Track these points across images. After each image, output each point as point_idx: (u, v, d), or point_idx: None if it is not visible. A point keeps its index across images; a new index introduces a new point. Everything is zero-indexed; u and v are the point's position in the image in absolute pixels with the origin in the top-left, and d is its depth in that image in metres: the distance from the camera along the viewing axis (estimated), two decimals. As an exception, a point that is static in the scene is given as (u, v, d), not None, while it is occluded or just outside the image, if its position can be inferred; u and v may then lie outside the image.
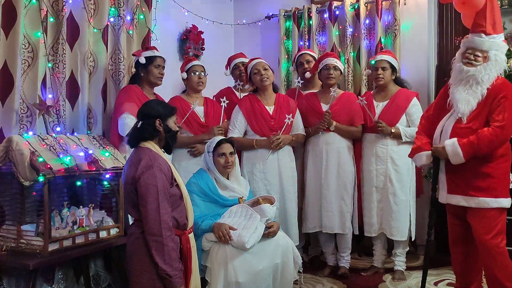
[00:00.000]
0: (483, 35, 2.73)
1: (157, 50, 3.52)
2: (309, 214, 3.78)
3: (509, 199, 2.76)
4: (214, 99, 4.03)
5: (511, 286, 2.68)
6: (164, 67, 3.49)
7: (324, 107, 3.70)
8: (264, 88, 3.63)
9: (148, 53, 3.44)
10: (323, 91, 3.83)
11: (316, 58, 4.19)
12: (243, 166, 3.59)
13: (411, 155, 3.04)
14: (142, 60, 3.40)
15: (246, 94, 3.91)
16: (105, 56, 3.51)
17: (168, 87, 4.07)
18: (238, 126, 3.62)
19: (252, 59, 3.72)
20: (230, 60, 4.16)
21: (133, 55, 3.53)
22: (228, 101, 3.62)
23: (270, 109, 3.64)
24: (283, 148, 3.60)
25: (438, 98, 3.07)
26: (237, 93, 4.02)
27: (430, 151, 2.88)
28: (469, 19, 2.89)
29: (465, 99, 2.74)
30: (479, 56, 2.73)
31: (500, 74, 2.84)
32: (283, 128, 3.57)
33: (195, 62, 3.68)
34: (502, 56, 2.76)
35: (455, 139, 2.72)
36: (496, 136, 2.64)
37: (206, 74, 3.68)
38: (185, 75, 3.63)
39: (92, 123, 3.44)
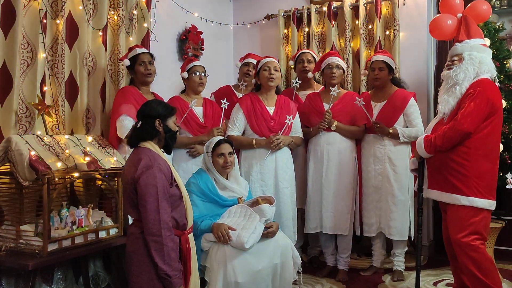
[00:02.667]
0: (457, 43, 3.00)
1: (140, 47, 3.50)
2: (310, 215, 3.77)
3: (487, 200, 2.78)
4: (213, 96, 4.02)
5: (492, 282, 2.71)
6: (151, 61, 3.45)
7: (327, 107, 3.70)
8: (268, 88, 3.62)
9: (131, 54, 3.44)
10: (325, 91, 3.83)
11: (316, 59, 4.19)
12: (240, 166, 3.59)
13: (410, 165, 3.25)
14: (127, 62, 3.42)
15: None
16: (104, 56, 3.51)
17: (168, 87, 4.07)
18: (238, 125, 3.61)
19: (266, 56, 3.69)
20: (247, 55, 4.11)
21: (119, 60, 3.54)
22: (228, 103, 3.62)
23: (271, 109, 3.63)
24: (282, 150, 3.58)
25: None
26: (237, 93, 4.01)
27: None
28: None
29: (445, 100, 2.91)
30: (455, 60, 2.95)
31: (492, 76, 2.90)
32: (283, 129, 3.57)
33: (197, 63, 3.67)
34: (480, 55, 2.89)
35: (422, 136, 2.96)
36: (450, 128, 2.77)
37: (206, 75, 3.68)
38: (186, 74, 3.62)
39: (90, 123, 3.44)
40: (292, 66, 4.32)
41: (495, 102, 2.78)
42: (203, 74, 3.63)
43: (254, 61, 3.95)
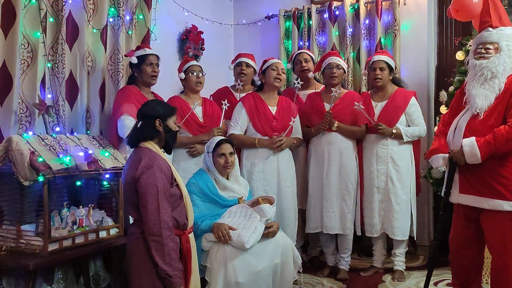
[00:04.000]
0: (490, 28, 2.70)
1: (149, 48, 3.51)
2: (311, 214, 3.78)
3: None
4: (211, 98, 4.03)
5: None
6: (158, 64, 3.46)
7: (327, 107, 3.69)
8: (272, 88, 3.63)
9: (140, 52, 3.43)
10: (326, 90, 3.83)
11: (314, 58, 4.20)
12: (242, 165, 3.59)
13: (428, 156, 2.96)
14: (134, 60, 3.40)
15: (244, 94, 3.91)
16: (103, 56, 3.51)
17: (168, 87, 4.07)
18: (241, 123, 3.61)
19: (273, 58, 3.72)
20: (238, 56, 4.12)
21: (125, 56, 3.53)
22: (229, 105, 3.62)
23: (273, 110, 3.63)
24: (284, 150, 3.59)
25: (454, 100, 2.97)
26: (235, 94, 4.01)
27: (447, 154, 2.79)
28: (476, 22, 2.89)
29: (483, 94, 2.65)
30: (490, 49, 2.68)
31: None
32: (287, 130, 3.57)
33: (193, 62, 3.68)
34: None
35: (473, 139, 2.61)
36: None
37: (204, 74, 3.68)
38: (183, 75, 3.64)
39: (90, 123, 3.44)
40: (291, 68, 4.33)
41: None
42: (200, 73, 3.64)
43: (246, 59, 4.00)
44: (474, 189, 2.67)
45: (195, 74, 3.61)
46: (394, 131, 3.58)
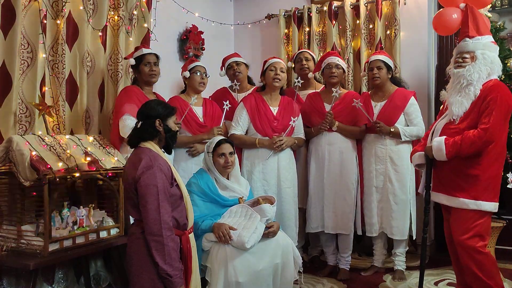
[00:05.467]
0: (467, 38, 2.86)
1: (146, 48, 3.51)
2: (311, 214, 3.78)
3: (493, 203, 2.75)
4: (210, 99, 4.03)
5: (494, 284, 2.69)
6: (156, 63, 3.45)
7: (327, 107, 3.69)
8: (273, 88, 3.63)
9: (137, 53, 3.44)
10: (326, 90, 3.83)
11: (315, 58, 4.20)
12: (242, 165, 3.59)
13: (410, 157, 3.16)
14: (132, 62, 3.42)
15: (243, 94, 3.92)
16: (103, 56, 3.51)
17: (168, 87, 4.08)
18: (242, 123, 3.61)
19: (273, 57, 3.72)
20: (224, 60, 4.16)
21: (125, 58, 3.54)
22: (230, 106, 3.62)
23: (274, 110, 3.64)
24: (284, 150, 3.59)
25: (443, 105, 3.11)
26: (233, 94, 4.02)
27: (423, 152, 2.98)
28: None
29: (458, 102, 2.81)
30: (466, 58, 2.84)
31: (500, 75, 2.87)
32: (287, 130, 3.57)
33: (198, 63, 3.70)
34: (492, 54, 2.83)
35: (442, 138, 2.80)
36: (479, 138, 2.67)
37: (208, 76, 3.69)
38: (188, 74, 3.64)
39: (89, 123, 3.45)
40: (292, 67, 4.34)
41: (510, 106, 2.74)
42: (204, 75, 3.65)
43: (234, 59, 4.03)
44: (444, 189, 2.85)
45: (199, 74, 3.62)
46: (392, 129, 3.58)
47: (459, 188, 2.76)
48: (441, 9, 3.27)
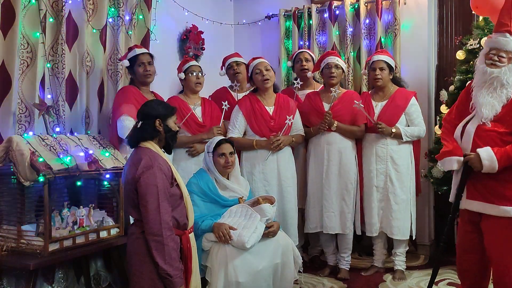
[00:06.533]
0: (507, 34, 2.56)
1: (139, 48, 3.48)
2: (310, 214, 3.77)
3: None
4: (210, 99, 4.03)
5: None
6: (150, 62, 3.42)
7: (326, 107, 3.68)
8: (265, 89, 3.63)
9: (131, 54, 3.42)
10: (325, 90, 3.82)
11: (315, 59, 4.19)
12: (242, 167, 3.59)
13: (440, 157, 2.79)
14: (126, 63, 3.41)
15: (243, 94, 3.91)
16: (102, 56, 3.51)
17: (168, 87, 4.07)
18: (238, 126, 3.61)
19: (254, 58, 3.70)
20: (224, 60, 4.15)
21: (119, 60, 3.53)
22: (229, 106, 3.62)
23: (270, 109, 3.63)
24: (283, 149, 3.59)
25: (459, 100, 2.87)
26: (233, 94, 4.01)
27: (462, 158, 2.64)
28: (495, 18, 2.73)
29: (490, 103, 2.56)
30: (503, 57, 2.56)
31: None
32: (284, 129, 3.56)
33: (193, 63, 3.68)
34: None
35: (489, 149, 2.51)
36: None
37: (203, 74, 3.68)
38: (182, 75, 3.63)
39: (88, 123, 3.44)
40: (291, 66, 4.33)
41: None
42: (200, 74, 3.63)
43: (234, 59, 4.02)
44: (480, 195, 2.60)
45: (194, 74, 3.61)
46: (393, 130, 3.57)
47: (499, 195, 2.52)
48: None
